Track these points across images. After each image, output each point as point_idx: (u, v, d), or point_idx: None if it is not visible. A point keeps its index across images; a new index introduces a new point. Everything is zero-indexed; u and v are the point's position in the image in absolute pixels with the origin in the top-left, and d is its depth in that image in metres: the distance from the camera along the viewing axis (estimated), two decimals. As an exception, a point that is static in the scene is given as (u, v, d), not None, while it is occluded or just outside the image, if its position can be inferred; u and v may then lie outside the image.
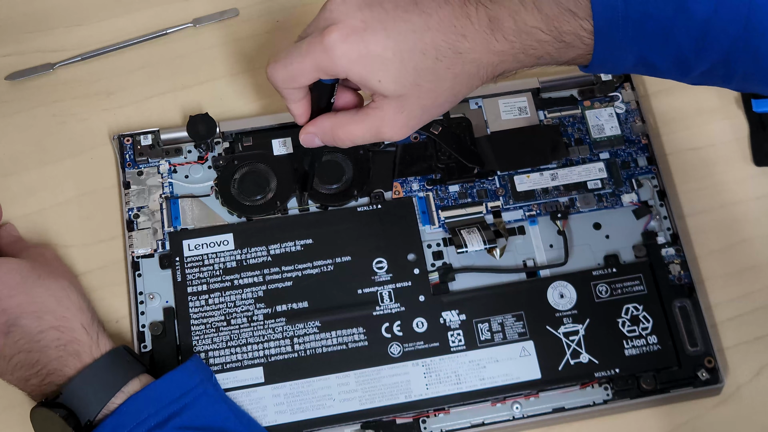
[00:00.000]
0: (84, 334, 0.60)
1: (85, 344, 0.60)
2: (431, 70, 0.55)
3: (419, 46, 0.55)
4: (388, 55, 0.55)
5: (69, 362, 0.59)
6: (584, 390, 0.66)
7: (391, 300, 0.67)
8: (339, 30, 0.55)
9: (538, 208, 0.71)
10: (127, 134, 0.72)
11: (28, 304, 0.60)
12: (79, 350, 0.60)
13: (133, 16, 0.78)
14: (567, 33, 0.55)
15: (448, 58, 0.55)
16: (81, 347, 0.60)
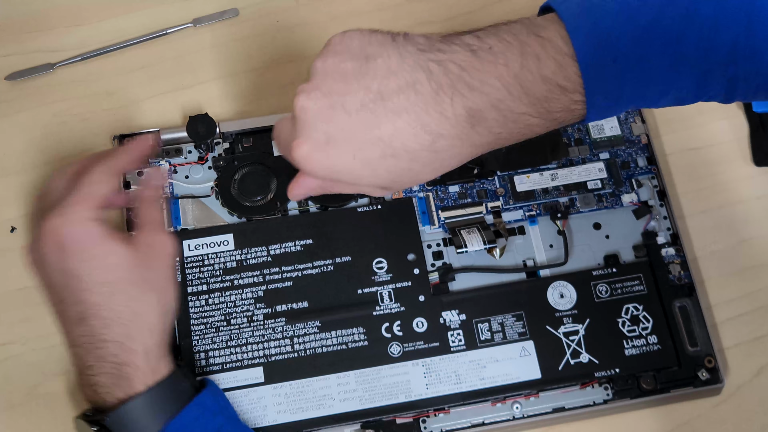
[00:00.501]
0: (143, 360, 0.57)
1: (139, 370, 0.56)
2: (406, 170, 0.52)
3: (389, 152, 0.51)
4: (356, 166, 0.51)
5: (120, 384, 0.56)
6: (584, 390, 0.66)
7: (391, 300, 0.67)
8: (302, 145, 0.52)
9: (538, 208, 0.71)
10: (127, 134, 0.72)
11: (103, 309, 0.56)
12: (131, 375, 0.56)
13: (133, 16, 0.78)
14: (557, 111, 0.51)
15: (423, 158, 0.51)
16: (135, 373, 0.56)
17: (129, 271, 0.57)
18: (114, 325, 0.56)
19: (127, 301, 0.57)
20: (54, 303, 0.58)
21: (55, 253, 0.56)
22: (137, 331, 0.57)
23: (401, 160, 0.51)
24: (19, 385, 0.66)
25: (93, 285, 0.56)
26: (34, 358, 0.67)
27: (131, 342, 0.57)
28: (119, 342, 0.56)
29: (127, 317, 0.57)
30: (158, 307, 0.59)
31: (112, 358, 0.56)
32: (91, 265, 0.56)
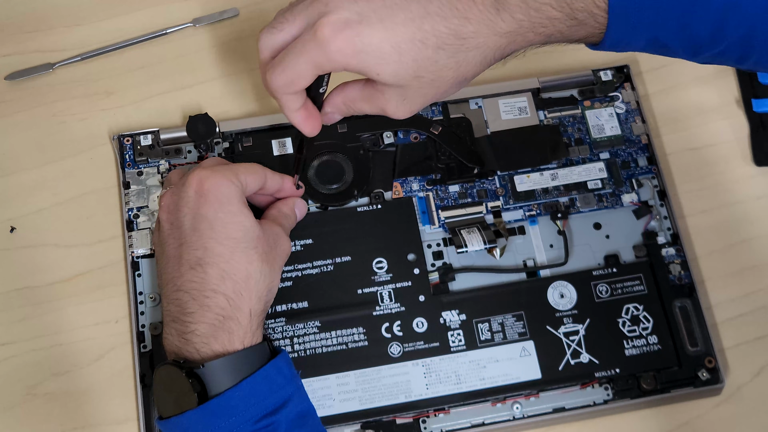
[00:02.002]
0: (246, 319, 0.58)
1: (242, 328, 0.58)
2: (432, 61, 0.53)
3: (418, 35, 0.52)
4: (385, 49, 0.52)
5: (220, 336, 0.57)
6: (584, 390, 0.66)
7: (391, 300, 0.67)
8: (332, 24, 0.52)
9: (538, 208, 0.71)
10: (127, 134, 0.72)
11: (223, 260, 0.58)
12: (233, 330, 0.57)
13: (133, 16, 0.78)
14: (579, 10, 0.53)
15: (450, 45, 0.53)
16: (237, 329, 0.58)
17: (256, 239, 0.60)
18: (228, 280, 0.58)
19: (246, 263, 0.59)
20: (174, 246, 0.60)
21: (196, 197, 0.59)
22: (247, 292, 0.59)
23: (428, 46, 0.53)
24: (19, 385, 0.66)
25: (221, 236, 0.59)
26: (34, 358, 0.67)
27: (240, 300, 0.58)
28: (229, 296, 0.58)
29: (242, 276, 0.59)
30: (269, 280, 0.60)
31: (218, 309, 0.57)
32: (226, 217, 0.59)
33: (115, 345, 0.67)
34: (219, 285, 0.58)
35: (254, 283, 0.59)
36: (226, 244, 0.59)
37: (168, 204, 0.61)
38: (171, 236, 0.60)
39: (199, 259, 0.58)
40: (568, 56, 0.78)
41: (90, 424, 0.66)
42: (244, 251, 0.59)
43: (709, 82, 0.77)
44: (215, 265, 0.58)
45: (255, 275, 0.59)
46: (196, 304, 0.58)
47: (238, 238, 0.59)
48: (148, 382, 0.65)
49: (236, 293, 0.58)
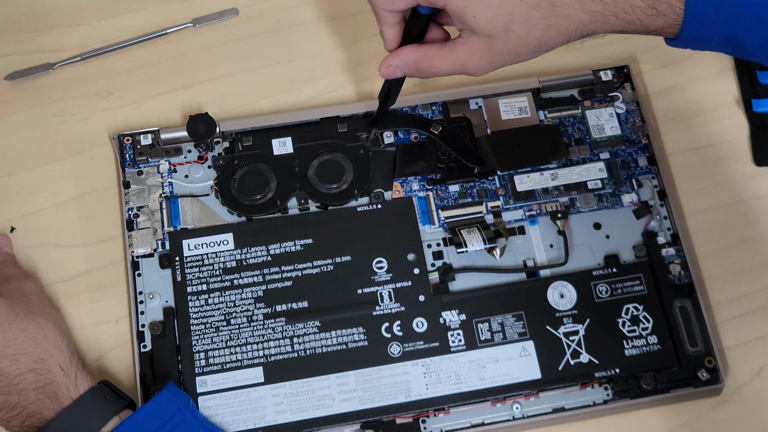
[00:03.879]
0: (62, 375, 0.59)
1: (62, 385, 0.59)
2: (525, 17, 0.56)
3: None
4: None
5: (47, 405, 0.58)
6: (584, 390, 0.66)
7: (391, 300, 0.67)
8: None
9: (538, 208, 0.71)
10: (127, 134, 0.72)
11: (5, 347, 0.58)
12: (56, 392, 0.58)
13: (133, 16, 0.78)
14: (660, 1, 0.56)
15: (543, 8, 0.56)
16: (59, 389, 0.58)
17: (10, 308, 0.60)
18: (21, 357, 0.58)
19: (22, 333, 0.59)
20: None
21: None
22: (45, 352, 0.59)
23: (525, 3, 0.56)
24: (18, 385, 0.66)
25: None
26: (33, 358, 0.67)
27: (44, 364, 0.59)
28: (33, 369, 0.58)
29: (30, 345, 0.59)
30: (53, 327, 0.61)
31: (33, 385, 0.58)
32: None
33: (115, 345, 0.67)
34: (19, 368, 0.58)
35: (45, 341, 0.60)
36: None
37: None
38: None
39: None
40: (568, 56, 0.78)
41: (90, 424, 0.66)
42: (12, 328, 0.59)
43: (709, 82, 0.77)
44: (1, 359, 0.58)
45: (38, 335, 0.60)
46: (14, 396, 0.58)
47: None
48: (148, 382, 0.65)
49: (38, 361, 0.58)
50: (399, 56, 0.61)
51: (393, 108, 0.73)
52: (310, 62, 0.78)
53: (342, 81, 0.77)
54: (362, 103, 0.74)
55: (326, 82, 0.77)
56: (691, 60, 0.78)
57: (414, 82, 0.77)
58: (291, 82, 0.76)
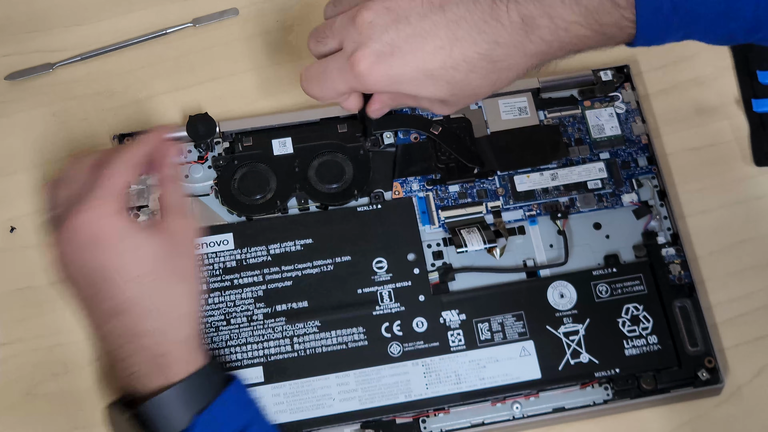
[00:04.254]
0: (178, 349, 0.56)
1: (176, 360, 0.56)
2: (465, 82, 0.56)
3: (449, 62, 0.55)
4: (419, 77, 0.55)
5: (156, 374, 0.55)
6: (584, 390, 0.66)
7: (391, 300, 0.67)
8: (367, 57, 0.55)
9: (538, 208, 0.71)
10: (127, 134, 0.72)
11: (138, 302, 0.55)
12: (169, 364, 0.55)
13: (133, 16, 0.78)
14: (608, 25, 0.54)
15: (481, 68, 0.55)
16: (172, 361, 0.55)
17: (159, 262, 0.56)
18: (149, 318, 0.55)
19: (159, 294, 0.56)
20: (83, 298, 0.56)
21: (84, 249, 0.55)
22: (172, 321, 0.56)
23: (460, 71, 0.55)
24: (19, 385, 0.66)
25: (125, 280, 0.55)
26: (34, 358, 0.67)
27: (167, 333, 0.56)
28: (155, 333, 0.55)
29: (161, 309, 0.56)
30: (189, 297, 0.58)
31: (149, 349, 0.55)
32: (122, 260, 0.55)
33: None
34: (143, 326, 0.55)
35: (177, 310, 0.57)
36: (134, 286, 0.55)
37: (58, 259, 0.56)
38: (75, 291, 0.57)
39: (113, 308, 0.55)
40: (568, 56, 0.78)
41: (90, 424, 0.66)
42: (153, 284, 0.56)
43: (709, 82, 0.77)
44: (131, 311, 0.55)
45: (174, 301, 0.57)
46: (128, 349, 0.55)
47: (143, 273, 0.55)
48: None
49: (162, 328, 0.56)
50: (377, 101, 0.61)
51: (393, 108, 0.73)
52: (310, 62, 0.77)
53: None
54: (362, 103, 0.74)
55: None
56: (691, 60, 0.78)
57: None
58: (291, 82, 0.76)
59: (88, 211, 0.55)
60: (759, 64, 0.76)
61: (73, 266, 0.55)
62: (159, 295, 0.56)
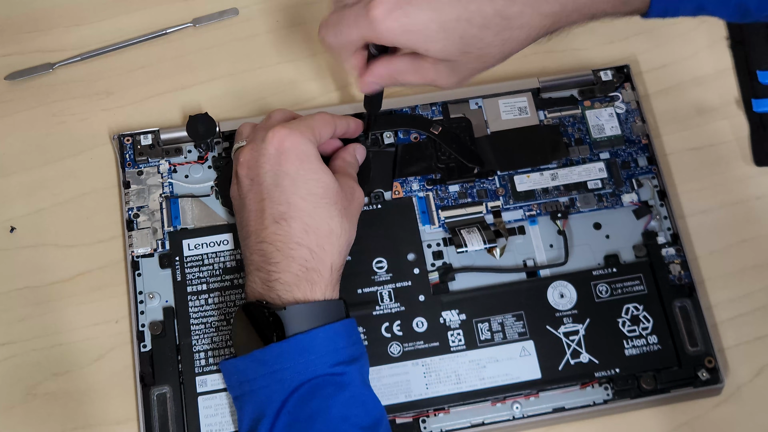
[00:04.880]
0: (327, 272, 0.61)
1: (323, 280, 0.60)
2: (478, 38, 0.56)
3: (464, 15, 0.55)
4: (432, 28, 0.55)
5: (302, 286, 0.60)
6: (584, 390, 0.66)
7: (391, 300, 0.67)
8: (383, 5, 0.55)
9: (538, 208, 0.71)
10: (127, 134, 0.72)
11: (306, 215, 0.61)
12: (316, 281, 0.60)
13: (133, 16, 0.78)
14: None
15: (495, 24, 0.55)
16: (320, 281, 0.60)
17: (335, 194, 0.62)
18: (311, 234, 0.60)
19: (327, 218, 0.61)
20: (255, 201, 0.62)
21: (277, 155, 0.61)
22: (329, 246, 0.61)
23: (474, 24, 0.55)
24: (19, 385, 0.66)
25: (304, 191, 0.61)
26: (34, 358, 0.67)
27: (322, 253, 0.61)
28: (312, 249, 0.60)
29: (324, 231, 0.61)
30: (348, 235, 0.63)
31: (301, 261, 0.60)
32: (307, 174, 0.61)
33: (115, 345, 0.67)
34: (302, 238, 0.60)
35: (335, 238, 0.61)
36: (309, 200, 0.61)
37: (247, 160, 0.63)
38: (251, 191, 0.62)
39: (282, 213, 0.60)
40: (568, 56, 0.78)
41: (90, 424, 0.66)
42: (325, 207, 0.61)
43: (709, 82, 0.77)
44: (299, 219, 0.60)
45: (336, 230, 0.61)
46: (281, 255, 0.60)
47: (320, 194, 0.61)
48: (148, 382, 0.65)
49: (319, 247, 0.60)
50: (373, 73, 0.61)
51: (393, 108, 0.73)
52: (310, 62, 0.78)
53: (342, 81, 0.77)
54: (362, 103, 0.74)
55: (326, 82, 0.77)
56: (691, 60, 0.78)
57: (414, 82, 0.77)
58: (291, 82, 0.76)
59: (289, 128, 0.62)
60: (759, 64, 0.76)
61: (259, 169, 0.62)
62: (324, 219, 0.61)
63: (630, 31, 0.79)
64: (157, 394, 0.65)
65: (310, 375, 0.58)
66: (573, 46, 0.78)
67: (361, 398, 0.59)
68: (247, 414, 0.59)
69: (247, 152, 0.63)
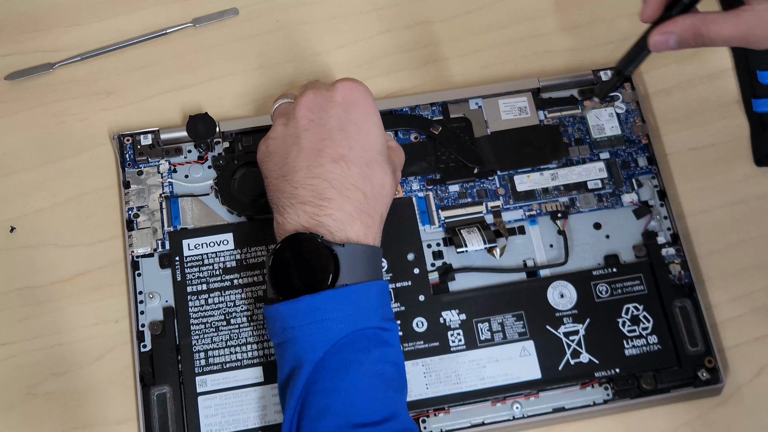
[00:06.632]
0: (378, 221, 0.62)
1: (375, 227, 0.61)
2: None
3: None
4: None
5: (356, 226, 0.60)
6: (584, 390, 0.66)
7: (391, 300, 0.67)
8: None
9: (538, 208, 0.71)
10: (127, 134, 0.72)
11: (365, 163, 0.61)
12: (369, 225, 0.61)
13: (133, 16, 0.78)
14: None
15: None
16: (372, 226, 0.61)
17: (387, 152, 0.64)
18: (368, 181, 0.61)
19: (382, 173, 0.62)
20: (313, 139, 0.61)
21: (345, 103, 0.63)
22: (381, 198, 0.62)
23: None
24: (19, 385, 0.66)
25: (366, 142, 0.62)
26: (34, 358, 0.67)
27: (375, 202, 0.61)
28: (367, 195, 0.61)
29: (378, 183, 0.62)
30: (392, 190, 0.63)
31: (357, 203, 0.60)
32: (371, 128, 0.63)
33: (115, 345, 0.67)
34: (359, 183, 0.61)
35: (387, 193, 0.62)
36: (369, 151, 0.62)
37: (310, 102, 0.63)
38: (310, 131, 0.62)
39: (343, 155, 0.61)
40: (568, 56, 0.78)
41: (90, 424, 0.66)
42: (381, 162, 0.62)
43: (709, 82, 0.77)
44: (358, 165, 0.61)
45: (387, 186, 0.62)
46: (336, 192, 0.60)
47: (379, 149, 0.62)
48: (148, 382, 0.65)
49: (373, 195, 0.61)
50: (676, 23, 0.57)
51: (393, 108, 0.73)
52: (310, 62, 0.78)
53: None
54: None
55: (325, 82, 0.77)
56: (691, 60, 0.78)
57: (415, 82, 0.77)
58: (291, 82, 0.76)
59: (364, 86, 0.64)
60: (759, 64, 0.76)
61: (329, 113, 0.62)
62: (379, 171, 0.62)
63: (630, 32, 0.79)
64: (157, 394, 0.65)
65: (359, 327, 0.57)
66: (573, 46, 0.78)
67: (397, 359, 0.60)
68: (288, 362, 0.58)
69: (311, 96, 0.63)
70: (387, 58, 0.78)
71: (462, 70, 0.78)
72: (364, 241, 0.60)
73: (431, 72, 0.77)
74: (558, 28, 0.79)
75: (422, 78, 0.77)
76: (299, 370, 0.57)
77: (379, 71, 0.77)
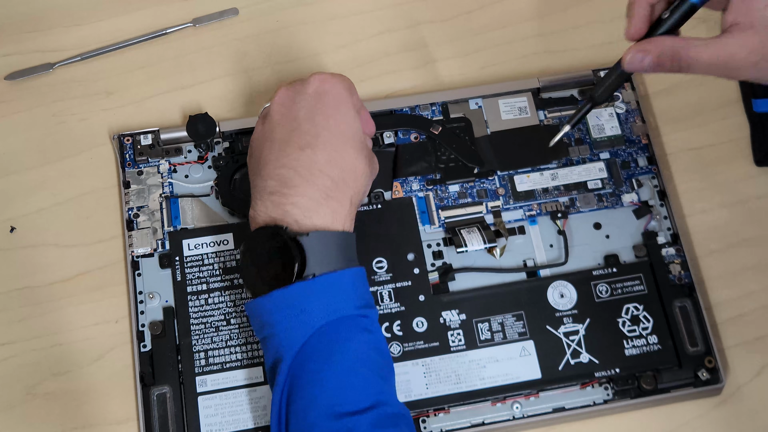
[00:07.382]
0: (347, 206, 0.61)
1: (343, 212, 0.60)
2: None
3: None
4: None
5: (322, 212, 0.59)
6: (584, 390, 0.66)
7: (391, 300, 0.67)
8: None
9: (538, 208, 0.71)
10: (127, 134, 0.72)
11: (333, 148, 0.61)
12: (336, 210, 0.60)
13: (133, 16, 0.78)
14: None
15: None
16: (339, 211, 0.60)
17: (361, 139, 0.63)
18: (335, 166, 0.60)
19: (354, 157, 0.61)
20: (283, 132, 0.62)
21: (315, 94, 0.63)
22: (351, 181, 0.61)
23: None
24: (19, 385, 0.66)
25: (335, 129, 0.61)
26: (34, 358, 0.67)
27: (344, 186, 0.60)
28: (334, 180, 0.60)
29: (349, 167, 0.61)
30: (368, 177, 0.63)
31: (322, 187, 0.60)
32: (340, 116, 0.62)
33: (115, 345, 0.67)
34: (325, 167, 0.60)
35: (356, 176, 0.61)
36: (338, 138, 0.61)
37: (282, 98, 0.63)
38: (281, 124, 0.62)
39: (309, 142, 0.60)
40: (568, 56, 0.78)
41: (90, 424, 0.66)
42: (353, 147, 0.62)
43: (709, 82, 0.77)
44: (324, 150, 0.60)
45: (358, 169, 0.62)
46: (301, 179, 0.59)
47: (350, 135, 0.62)
48: (148, 382, 0.65)
49: (341, 179, 0.60)
50: (655, 42, 0.56)
51: (393, 108, 0.73)
52: (310, 62, 0.78)
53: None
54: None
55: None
56: (691, 60, 0.78)
57: (415, 82, 0.77)
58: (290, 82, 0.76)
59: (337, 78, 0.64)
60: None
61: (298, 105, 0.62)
62: (350, 156, 0.61)
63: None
64: (157, 394, 0.65)
65: (335, 316, 0.57)
66: (573, 46, 0.78)
67: (380, 345, 0.60)
68: (270, 357, 0.58)
69: (283, 91, 0.64)
70: (387, 58, 0.78)
71: (462, 70, 0.78)
72: (332, 227, 0.59)
73: (431, 72, 0.77)
74: (558, 28, 0.79)
75: (422, 78, 0.77)
76: (280, 364, 0.57)
77: (379, 71, 0.77)
